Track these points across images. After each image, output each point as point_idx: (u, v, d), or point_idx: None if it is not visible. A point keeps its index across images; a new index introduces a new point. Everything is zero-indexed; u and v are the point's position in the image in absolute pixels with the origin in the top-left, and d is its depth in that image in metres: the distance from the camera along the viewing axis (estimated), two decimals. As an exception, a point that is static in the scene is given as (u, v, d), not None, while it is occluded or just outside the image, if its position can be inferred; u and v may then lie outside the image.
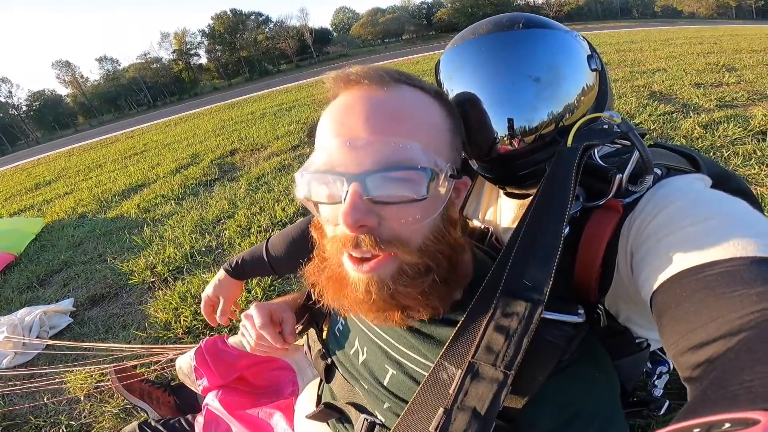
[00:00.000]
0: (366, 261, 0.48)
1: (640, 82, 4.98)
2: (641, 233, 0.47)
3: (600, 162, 0.54)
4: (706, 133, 2.97)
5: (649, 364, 0.76)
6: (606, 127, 0.54)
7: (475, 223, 0.78)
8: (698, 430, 0.24)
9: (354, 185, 0.44)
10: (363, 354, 0.63)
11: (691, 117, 3.34)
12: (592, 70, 0.61)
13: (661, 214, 0.46)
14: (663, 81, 4.87)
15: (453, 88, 0.64)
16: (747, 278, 0.35)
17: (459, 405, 0.43)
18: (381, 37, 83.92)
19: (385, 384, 0.57)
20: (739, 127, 2.90)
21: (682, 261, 0.40)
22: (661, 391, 0.74)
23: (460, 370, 0.44)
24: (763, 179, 2.22)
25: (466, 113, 0.62)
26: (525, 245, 0.48)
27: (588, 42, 0.65)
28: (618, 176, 0.50)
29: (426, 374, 0.52)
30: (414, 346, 0.56)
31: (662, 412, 0.70)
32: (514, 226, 0.70)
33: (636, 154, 0.51)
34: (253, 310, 0.79)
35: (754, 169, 2.33)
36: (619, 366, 0.59)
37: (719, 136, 2.85)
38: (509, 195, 0.71)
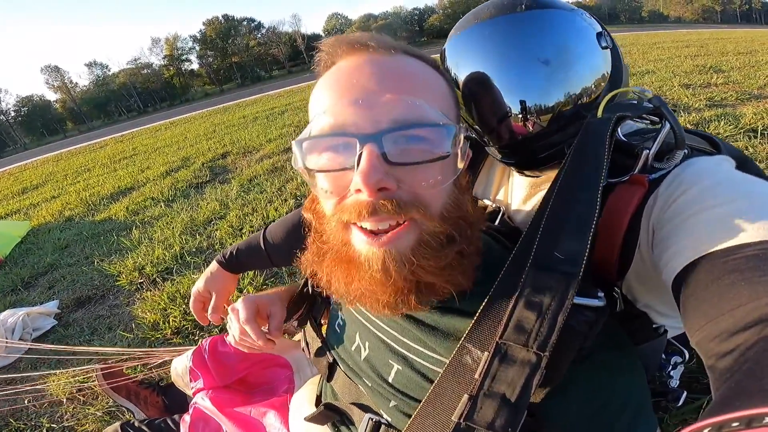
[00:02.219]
0: (382, 233, 0.42)
1: (631, 83, 5.03)
2: (666, 211, 0.46)
3: (624, 139, 0.52)
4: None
5: (663, 355, 0.74)
6: (636, 102, 0.53)
7: (486, 202, 0.75)
8: (737, 424, 0.23)
9: (370, 145, 0.40)
10: (365, 349, 0.58)
11: (681, 116, 3.39)
12: (603, 48, 0.59)
13: (688, 192, 0.45)
14: (653, 82, 4.95)
15: (461, 74, 0.62)
16: None
17: (486, 391, 0.38)
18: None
19: (390, 381, 0.53)
20: (730, 125, 2.94)
21: (710, 242, 0.38)
22: (677, 381, 0.72)
23: (486, 353, 0.40)
24: (756, 174, 2.23)
25: (478, 96, 0.61)
26: (555, 216, 0.45)
27: (597, 19, 0.63)
28: (645, 152, 0.49)
29: (434, 368, 0.49)
30: (419, 338, 0.51)
31: (680, 403, 0.67)
32: (527, 204, 0.68)
33: (665, 130, 0.50)
34: (240, 303, 0.76)
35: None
36: (639, 353, 0.57)
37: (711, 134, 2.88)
38: (522, 173, 0.70)
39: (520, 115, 0.58)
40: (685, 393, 0.68)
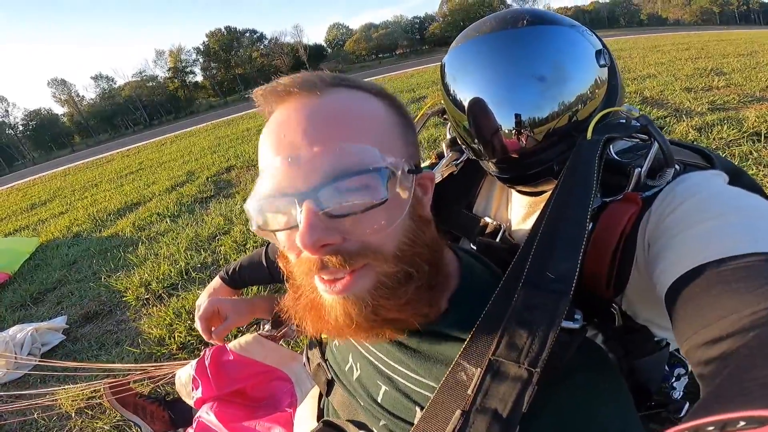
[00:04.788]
0: (339, 280, 0.43)
1: (632, 88, 5.05)
2: (659, 226, 0.47)
3: (616, 157, 0.53)
4: (701, 135, 2.99)
5: (666, 367, 0.74)
6: (624, 121, 0.54)
7: (487, 220, 0.76)
8: (712, 427, 0.23)
9: (306, 203, 0.39)
10: (357, 370, 0.60)
11: (684, 121, 3.38)
12: (601, 66, 0.60)
13: (680, 208, 0.46)
14: (654, 87, 4.94)
15: (457, 88, 0.63)
16: (764, 273, 0.34)
17: (478, 407, 0.39)
18: (375, 52, 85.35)
19: (379, 401, 0.54)
20: (733, 129, 2.93)
21: (699, 255, 0.39)
22: (681, 393, 0.71)
23: (479, 369, 0.41)
24: (761, 179, 2.22)
25: (473, 111, 0.62)
26: (547, 236, 0.46)
27: (597, 36, 0.63)
28: (637, 170, 0.50)
29: (416, 389, 0.50)
30: (402, 361, 0.52)
31: (683, 414, 0.67)
32: (526, 222, 0.69)
33: (654, 148, 0.51)
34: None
35: (752, 170, 2.33)
36: (641, 366, 0.57)
37: (714, 139, 2.87)
38: (521, 192, 0.71)
39: (513, 130, 0.59)
40: (687, 404, 0.68)
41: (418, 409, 0.49)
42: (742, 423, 0.23)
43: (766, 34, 13.21)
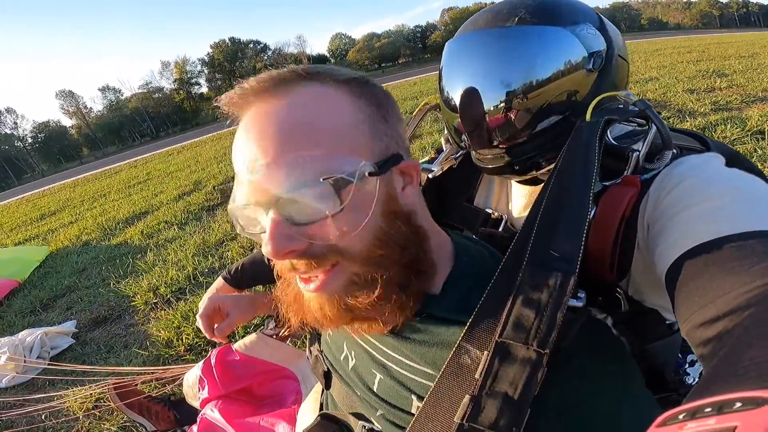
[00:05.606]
0: (313, 279, 0.45)
1: (634, 91, 5.06)
2: (657, 209, 0.47)
3: (614, 142, 0.53)
4: (704, 134, 2.99)
5: (679, 354, 0.73)
6: (621, 106, 0.54)
7: (488, 211, 0.77)
8: (710, 409, 0.23)
9: (271, 213, 0.41)
10: (352, 359, 0.59)
11: (687, 121, 3.39)
12: (589, 70, 0.59)
13: (676, 189, 0.46)
14: (656, 89, 4.95)
15: (448, 82, 0.66)
16: (759, 251, 0.34)
17: (488, 391, 0.38)
18: (377, 61, 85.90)
19: (374, 390, 0.53)
20: (736, 128, 2.93)
21: (695, 236, 0.39)
22: (695, 378, 0.70)
23: (486, 352, 0.40)
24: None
25: (457, 102, 0.64)
26: (549, 216, 0.45)
27: (606, 32, 0.62)
28: (635, 153, 0.50)
29: (410, 376, 0.49)
30: (396, 347, 0.51)
31: None
32: (527, 211, 0.70)
33: (653, 132, 0.51)
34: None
35: (758, 166, 2.33)
36: (654, 350, 0.56)
37: (718, 137, 2.87)
38: (519, 181, 0.72)
39: (499, 115, 0.61)
40: None
41: (414, 397, 0.48)
42: (738, 404, 0.22)
43: (767, 36, 13.20)
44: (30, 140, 74.48)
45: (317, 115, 0.42)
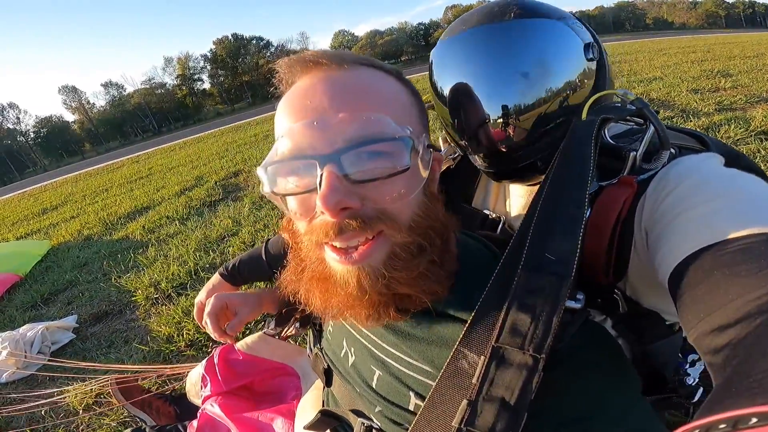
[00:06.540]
0: (353, 250, 0.43)
1: (638, 90, 5.04)
2: (655, 212, 0.46)
3: (611, 141, 0.53)
4: (708, 134, 2.98)
5: (679, 354, 0.73)
6: (619, 104, 0.54)
7: (486, 212, 0.76)
8: (724, 425, 0.23)
9: (329, 166, 0.40)
10: (352, 355, 0.59)
11: (691, 121, 3.37)
12: (589, 60, 0.59)
13: (674, 191, 0.45)
14: (660, 88, 4.92)
15: (444, 83, 0.64)
16: (764, 254, 0.33)
17: (485, 395, 0.38)
18: (380, 58, 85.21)
19: (373, 386, 0.54)
20: (740, 129, 2.91)
21: (698, 240, 0.38)
22: (696, 379, 0.69)
23: (482, 357, 0.40)
24: (768, 177, 2.20)
25: (459, 104, 0.62)
26: (545, 218, 0.45)
27: (588, 28, 0.63)
28: (632, 153, 0.49)
29: (410, 373, 0.49)
30: (395, 343, 0.51)
31: (696, 399, 0.65)
32: (525, 212, 0.70)
33: (650, 132, 0.50)
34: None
35: (761, 166, 2.32)
36: (654, 351, 0.56)
37: (721, 137, 2.86)
38: (502, 181, 0.71)
39: (499, 121, 0.60)
40: (701, 389, 0.65)
41: (412, 394, 0.48)
42: (754, 420, 0.22)
43: (774, 37, 13.11)
44: (32, 135, 74.66)
45: (382, 87, 0.46)
